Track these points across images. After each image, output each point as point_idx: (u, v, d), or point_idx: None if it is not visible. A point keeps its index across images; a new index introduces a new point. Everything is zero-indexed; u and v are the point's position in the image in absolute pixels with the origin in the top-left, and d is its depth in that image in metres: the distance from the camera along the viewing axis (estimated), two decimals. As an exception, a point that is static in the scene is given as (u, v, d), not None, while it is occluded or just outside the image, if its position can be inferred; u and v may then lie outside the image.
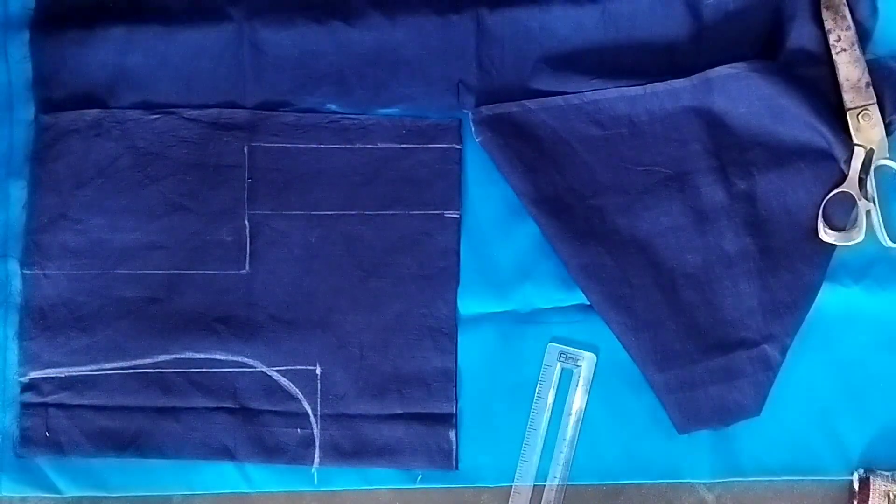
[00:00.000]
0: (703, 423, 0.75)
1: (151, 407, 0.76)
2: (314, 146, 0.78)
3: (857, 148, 0.75)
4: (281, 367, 0.76)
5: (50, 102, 0.78)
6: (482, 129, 0.77)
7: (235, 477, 0.76)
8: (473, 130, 0.77)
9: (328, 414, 0.76)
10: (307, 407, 0.76)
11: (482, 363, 0.77)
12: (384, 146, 0.78)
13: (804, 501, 0.76)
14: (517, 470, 0.76)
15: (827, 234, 0.74)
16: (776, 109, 0.74)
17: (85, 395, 0.76)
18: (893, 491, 0.73)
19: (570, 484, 0.76)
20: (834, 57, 0.76)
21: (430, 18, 0.77)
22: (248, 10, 0.78)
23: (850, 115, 0.76)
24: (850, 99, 0.76)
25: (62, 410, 0.76)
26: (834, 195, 0.75)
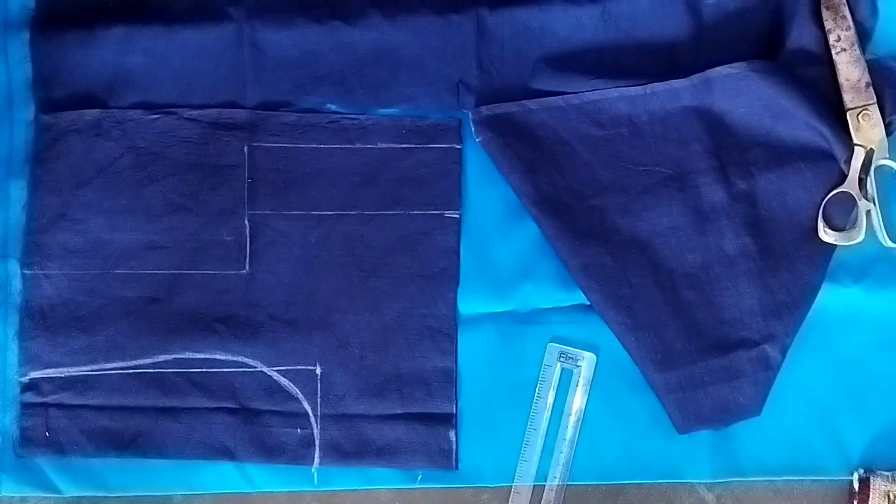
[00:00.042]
0: (703, 423, 0.75)
1: (151, 407, 0.76)
2: (314, 146, 0.78)
3: (857, 148, 0.75)
4: (281, 367, 0.76)
5: (50, 102, 0.78)
6: (482, 129, 0.77)
7: (235, 477, 0.76)
8: (473, 130, 0.77)
9: (328, 414, 0.76)
10: (307, 407, 0.76)
11: (482, 363, 0.77)
12: (384, 146, 0.78)
13: (804, 501, 0.76)
14: (517, 470, 0.76)
15: (827, 234, 0.74)
16: (776, 109, 0.74)
17: (85, 395, 0.76)
18: (893, 491, 0.73)
19: (570, 484, 0.76)
20: (834, 57, 0.76)
21: (430, 18, 0.77)
22: (248, 10, 0.78)
23: (850, 115, 0.76)
24: (850, 99, 0.76)
25: (62, 410, 0.76)
26: (834, 195, 0.75)
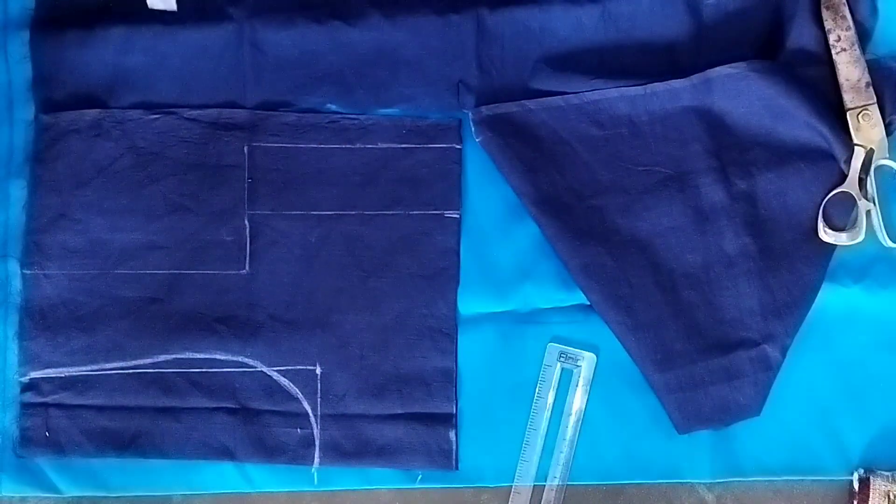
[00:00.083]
0: (703, 423, 0.75)
1: (151, 407, 0.76)
2: (314, 146, 0.78)
3: (857, 148, 0.75)
4: (281, 367, 0.76)
5: (50, 102, 0.78)
6: (482, 129, 0.77)
7: (235, 477, 0.76)
8: (473, 130, 0.77)
9: (328, 414, 0.76)
10: (307, 407, 0.76)
11: (482, 363, 0.77)
12: (384, 146, 0.78)
13: (804, 501, 0.76)
14: (517, 470, 0.76)
15: (827, 234, 0.74)
16: (776, 109, 0.74)
17: (85, 395, 0.76)
18: (893, 491, 0.73)
19: (570, 484, 0.76)
20: (834, 57, 0.76)
21: (430, 18, 0.77)
22: (248, 10, 0.78)
23: (850, 115, 0.76)
24: (850, 99, 0.76)
25: (62, 410, 0.76)
26: (834, 195, 0.75)
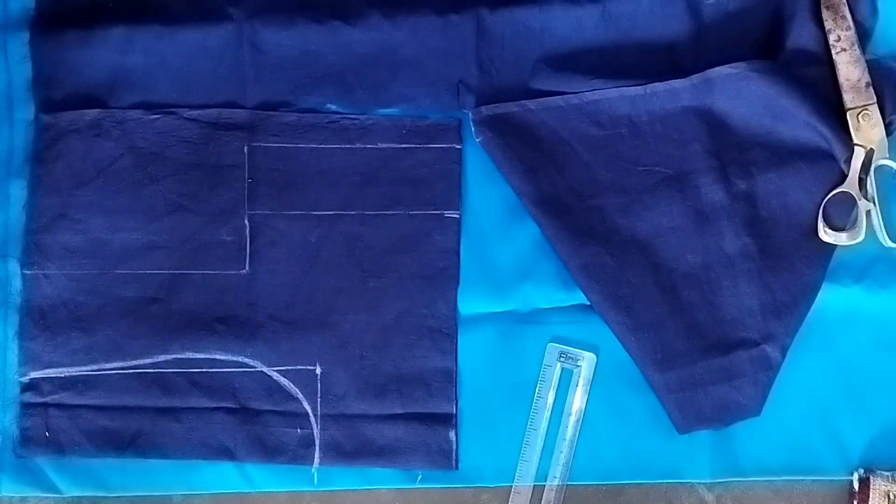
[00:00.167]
0: (703, 423, 0.75)
1: (151, 407, 0.76)
2: (314, 146, 0.78)
3: (857, 148, 0.75)
4: (281, 367, 0.76)
5: (50, 102, 0.78)
6: (482, 129, 0.77)
7: (235, 477, 0.76)
8: (473, 130, 0.77)
9: (328, 414, 0.76)
10: (307, 407, 0.76)
11: (482, 363, 0.77)
12: (384, 146, 0.78)
13: (804, 501, 0.76)
14: (517, 470, 0.76)
15: (827, 234, 0.74)
16: (776, 109, 0.74)
17: (85, 395, 0.76)
18: (893, 491, 0.73)
19: (570, 484, 0.76)
20: (834, 57, 0.76)
21: (429, 18, 0.77)
22: (248, 10, 0.78)
23: (850, 115, 0.75)
24: (850, 99, 0.76)
25: (62, 410, 0.76)
26: (834, 195, 0.75)
